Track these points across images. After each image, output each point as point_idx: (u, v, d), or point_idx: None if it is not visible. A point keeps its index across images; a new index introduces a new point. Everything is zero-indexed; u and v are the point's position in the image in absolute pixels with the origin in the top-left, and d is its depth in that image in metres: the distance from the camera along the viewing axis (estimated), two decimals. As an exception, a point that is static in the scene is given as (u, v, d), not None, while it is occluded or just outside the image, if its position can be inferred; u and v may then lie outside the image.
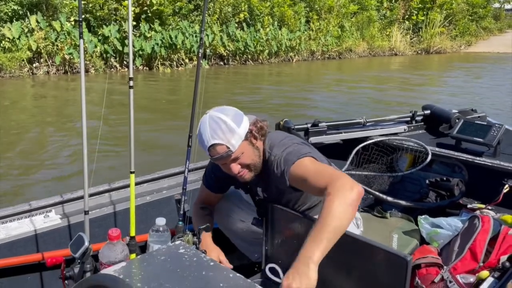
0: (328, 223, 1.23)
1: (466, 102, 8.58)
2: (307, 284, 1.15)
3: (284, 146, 1.54)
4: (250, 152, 1.51)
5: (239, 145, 1.45)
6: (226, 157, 1.45)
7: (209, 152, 1.46)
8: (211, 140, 1.43)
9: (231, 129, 1.44)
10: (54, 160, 4.74)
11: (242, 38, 13.08)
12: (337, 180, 1.32)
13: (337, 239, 1.24)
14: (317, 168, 1.44)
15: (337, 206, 1.25)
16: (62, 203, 1.97)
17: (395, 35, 19.19)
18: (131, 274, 1.16)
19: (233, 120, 1.46)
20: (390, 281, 1.19)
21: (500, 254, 1.70)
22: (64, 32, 9.69)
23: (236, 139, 1.45)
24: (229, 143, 1.43)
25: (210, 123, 1.44)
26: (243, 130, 1.47)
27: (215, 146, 1.43)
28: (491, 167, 2.35)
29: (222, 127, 1.43)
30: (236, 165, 1.49)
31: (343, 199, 1.26)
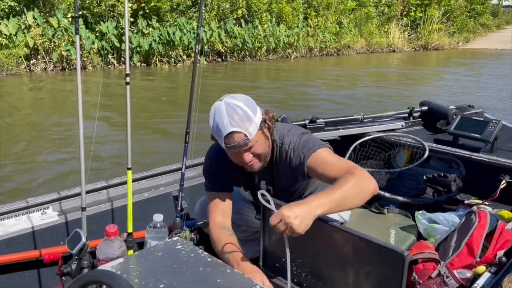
0: (340, 192, 1.30)
1: (463, 98, 8.59)
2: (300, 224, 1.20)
3: (297, 135, 1.56)
4: (263, 141, 1.51)
5: (255, 134, 1.44)
6: (243, 145, 1.42)
7: (225, 139, 1.41)
8: (229, 127, 1.39)
9: (248, 117, 1.41)
10: (51, 157, 4.73)
11: (240, 35, 13.05)
12: (360, 170, 1.41)
13: (336, 211, 1.32)
14: (337, 158, 1.51)
15: (353, 185, 1.33)
16: (60, 200, 1.97)
17: (393, 31, 19.16)
18: (129, 270, 1.16)
19: (249, 108, 1.43)
20: (387, 277, 1.20)
21: (496, 249, 1.71)
22: (61, 29, 9.64)
23: (253, 128, 1.42)
24: (247, 131, 1.41)
25: (228, 110, 1.40)
26: (258, 119, 1.46)
27: (233, 134, 1.40)
28: (488, 163, 2.36)
29: (240, 115, 1.40)
30: (248, 154, 1.46)
31: (361, 183, 1.36)
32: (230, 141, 1.41)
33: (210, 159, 1.69)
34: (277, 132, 1.59)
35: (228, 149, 1.46)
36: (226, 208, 1.64)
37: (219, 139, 1.44)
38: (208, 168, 1.69)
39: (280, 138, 1.58)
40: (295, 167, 1.54)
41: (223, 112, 1.40)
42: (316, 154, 1.50)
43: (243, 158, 1.47)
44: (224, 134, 1.40)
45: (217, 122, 1.41)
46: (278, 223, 1.21)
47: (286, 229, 1.21)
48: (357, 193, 1.35)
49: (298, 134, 1.58)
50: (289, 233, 1.22)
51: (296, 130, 1.61)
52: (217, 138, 1.46)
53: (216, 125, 1.42)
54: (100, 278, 0.88)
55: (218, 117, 1.41)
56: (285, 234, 1.23)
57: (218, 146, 1.65)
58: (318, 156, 1.50)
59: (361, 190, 1.36)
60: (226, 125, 1.39)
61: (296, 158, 1.53)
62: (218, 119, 1.41)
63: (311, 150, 1.50)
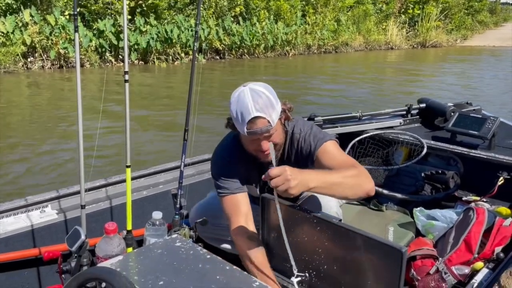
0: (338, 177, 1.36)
1: (461, 95, 8.61)
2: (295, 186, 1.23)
3: (307, 125, 1.62)
4: (280, 131, 1.53)
5: (276, 121, 1.45)
6: (265, 131, 1.42)
7: (248, 124, 1.40)
8: (254, 112, 1.38)
9: (272, 104, 1.42)
10: (50, 155, 4.72)
11: (238, 32, 13.03)
12: (363, 168, 1.46)
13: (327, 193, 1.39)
14: (343, 153, 1.57)
15: (352, 177, 1.38)
16: (59, 198, 1.97)
17: (391, 29, 19.17)
18: (128, 267, 1.16)
19: (272, 96, 1.45)
20: (386, 273, 1.20)
21: (494, 245, 1.72)
22: (58, 26, 9.61)
23: (275, 115, 1.43)
24: (271, 118, 1.41)
25: (253, 95, 1.40)
26: (279, 108, 1.48)
27: (257, 119, 1.39)
28: (486, 160, 2.37)
29: (265, 101, 1.40)
30: (267, 142, 1.45)
31: (361, 179, 1.41)
32: (252, 126, 1.40)
33: (221, 161, 1.63)
34: (287, 122, 1.61)
35: (249, 135, 1.43)
36: (248, 210, 1.58)
37: (240, 124, 1.42)
38: (220, 172, 1.62)
39: (290, 128, 1.61)
40: (305, 155, 1.57)
41: (248, 97, 1.39)
42: (326, 145, 1.54)
43: (261, 145, 1.46)
44: (248, 119, 1.39)
45: (241, 106, 1.40)
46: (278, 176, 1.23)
47: (282, 185, 1.22)
48: (353, 186, 1.39)
49: (308, 124, 1.63)
50: (282, 189, 1.23)
51: (304, 121, 1.66)
52: (237, 123, 1.43)
53: (239, 109, 1.40)
54: (99, 275, 0.88)
55: (242, 101, 1.40)
56: (278, 190, 1.24)
57: (224, 146, 1.65)
58: (327, 147, 1.54)
59: (357, 184, 1.40)
60: (251, 110, 1.38)
61: (307, 147, 1.56)
62: (242, 103, 1.40)
63: (322, 140, 1.55)
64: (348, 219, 2.04)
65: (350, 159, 1.54)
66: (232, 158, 1.61)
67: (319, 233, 1.37)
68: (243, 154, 1.59)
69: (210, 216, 1.73)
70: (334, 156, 1.52)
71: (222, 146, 1.67)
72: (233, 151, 1.61)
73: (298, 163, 1.58)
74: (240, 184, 1.60)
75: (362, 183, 1.41)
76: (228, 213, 1.58)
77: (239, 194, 1.58)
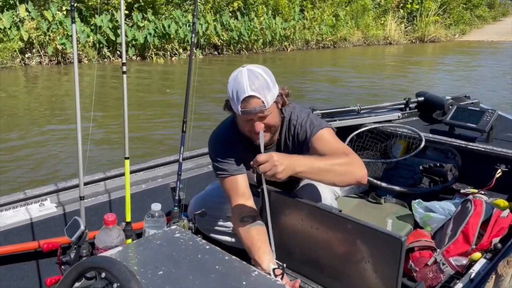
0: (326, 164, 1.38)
1: (459, 89, 8.61)
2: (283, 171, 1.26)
3: (304, 112, 1.63)
4: (276, 114, 1.54)
5: (271, 104, 1.47)
6: (259, 111, 1.44)
7: (242, 103, 1.43)
8: (249, 91, 1.40)
9: (268, 86, 1.45)
10: (49, 149, 4.71)
11: (236, 28, 12.98)
12: (355, 156, 1.49)
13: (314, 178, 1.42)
14: (338, 141, 1.58)
15: (341, 164, 1.40)
16: (58, 192, 1.97)
17: (389, 24, 19.13)
18: (127, 258, 1.17)
19: (270, 78, 1.47)
20: (385, 262, 1.21)
21: (492, 236, 1.73)
22: (56, 22, 9.56)
23: (270, 97, 1.46)
24: (265, 99, 1.43)
25: (249, 75, 1.43)
26: (276, 91, 1.50)
27: (251, 98, 1.42)
28: (484, 152, 2.38)
29: (261, 81, 1.43)
30: (261, 123, 1.47)
31: (351, 167, 1.42)
32: (246, 106, 1.43)
33: (219, 142, 1.66)
34: (284, 108, 1.63)
35: (243, 114, 1.45)
36: (246, 190, 1.60)
37: (235, 103, 1.44)
38: (217, 153, 1.64)
39: (287, 114, 1.63)
40: (301, 141, 1.59)
41: (245, 77, 1.42)
42: (322, 132, 1.56)
43: (255, 126, 1.47)
44: (243, 97, 1.41)
45: (237, 85, 1.43)
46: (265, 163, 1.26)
47: (270, 171, 1.26)
48: (342, 173, 1.40)
49: (305, 111, 1.64)
50: (269, 175, 1.27)
51: (302, 108, 1.67)
52: (233, 102, 1.46)
53: (235, 88, 1.43)
54: (99, 264, 0.89)
55: (238, 80, 1.43)
56: (266, 175, 1.28)
57: (220, 131, 1.68)
58: (322, 135, 1.55)
59: (346, 172, 1.41)
60: (246, 88, 1.41)
61: (303, 133, 1.58)
62: (238, 82, 1.43)
63: (319, 127, 1.56)
64: (346, 211, 2.03)
65: (344, 147, 1.56)
66: (228, 140, 1.63)
67: (319, 223, 1.37)
68: (240, 137, 1.61)
69: (209, 208, 1.74)
70: (328, 143, 1.54)
71: (219, 128, 1.70)
72: (230, 134, 1.63)
73: (295, 150, 1.61)
74: (238, 166, 1.62)
75: (352, 171, 1.42)
76: (228, 194, 1.60)
77: (238, 176, 1.60)
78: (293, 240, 1.32)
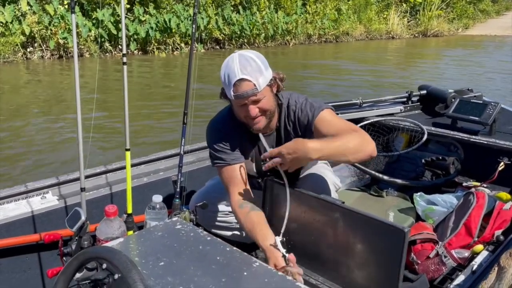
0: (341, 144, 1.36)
1: (462, 82, 8.57)
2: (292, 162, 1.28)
3: (302, 97, 1.63)
4: (270, 98, 1.54)
5: (264, 88, 1.47)
6: (251, 95, 1.44)
7: (234, 87, 1.43)
8: (240, 74, 1.41)
9: (260, 69, 1.45)
10: (50, 143, 4.71)
11: (238, 22, 12.92)
12: (362, 131, 1.48)
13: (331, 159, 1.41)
14: (341, 119, 1.58)
15: (354, 140, 1.39)
16: (59, 185, 1.97)
17: (392, 18, 19.01)
18: (129, 249, 1.16)
19: (262, 62, 1.47)
20: (387, 254, 1.21)
21: (494, 228, 1.72)
22: (57, 16, 9.53)
23: (262, 80, 1.46)
24: (257, 82, 1.43)
25: (240, 60, 1.44)
26: (269, 74, 1.50)
27: (242, 82, 1.42)
28: (487, 145, 2.37)
29: (252, 65, 1.44)
30: (255, 108, 1.48)
31: (363, 142, 1.41)
32: (238, 89, 1.43)
33: (216, 131, 1.66)
34: (281, 95, 1.63)
35: (236, 98, 1.46)
36: (243, 180, 1.59)
37: (228, 87, 1.45)
38: (214, 141, 1.64)
39: (285, 100, 1.63)
40: (303, 126, 1.58)
41: (236, 61, 1.43)
42: (323, 113, 1.55)
43: (249, 111, 1.47)
44: (234, 81, 1.42)
45: (229, 70, 1.44)
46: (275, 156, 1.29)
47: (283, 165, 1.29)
48: (356, 150, 1.39)
49: (303, 96, 1.64)
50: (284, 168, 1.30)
51: (299, 94, 1.67)
52: (226, 87, 1.47)
53: (227, 73, 1.44)
54: (100, 254, 0.88)
55: (230, 65, 1.44)
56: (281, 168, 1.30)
57: (218, 119, 1.67)
58: (324, 115, 1.55)
59: (361, 148, 1.41)
60: (237, 72, 1.41)
61: (304, 117, 1.57)
62: (230, 67, 1.43)
63: (319, 109, 1.56)
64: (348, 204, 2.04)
65: (349, 124, 1.55)
66: (226, 129, 1.63)
67: (321, 215, 1.37)
68: (237, 126, 1.61)
69: (210, 204, 1.72)
70: (332, 123, 1.53)
71: (216, 117, 1.70)
72: (227, 122, 1.63)
73: (297, 136, 1.60)
74: (235, 155, 1.62)
75: (364, 147, 1.42)
76: (225, 183, 1.61)
77: (236, 165, 1.60)
78: (295, 232, 1.31)
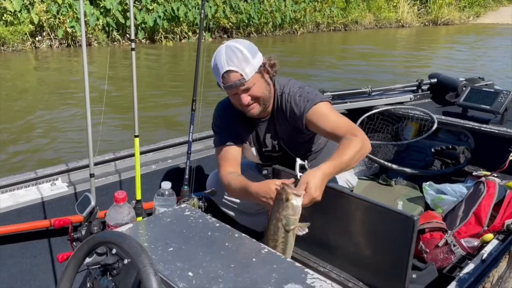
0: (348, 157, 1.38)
1: (473, 71, 8.46)
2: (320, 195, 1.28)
3: (297, 85, 1.62)
4: (262, 84, 1.55)
5: (252, 75, 1.49)
6: (239, 85, 1.48)
7: (222, 79, 1.49)
8: (226, 66, 1.46)
9: (246, 59, 1.48)
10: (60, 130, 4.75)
11: (245, 10, 12.84)
12: (361, 132, 1.48)
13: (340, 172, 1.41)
14: (337, 114, 1.56)
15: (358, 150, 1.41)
16: (68, 172, 1.99)
17: (402, 6, 18.75)
18: (138, 235, 1.17)
19: (249, 51, 1.50)
20: (396, 242, 1.20)
21: (505, 218, 1.70)
22: (65, 5, 9.54)
23: (250, 69, 1.48)
24: (243, 72, 1.47)
25: (227, 51, 1.48)
26: (257, 61, 1.52)
27: (229, 73, 1.47)
28: (498, 134, 2.33)
29: (238, 55, 1.47)
30: (246, 96, 1.52)
31: (364, 147, 1.44)
32: (227, 80, 1.48)
33: (217, 114, 1.74)
34: (278, 82, 1.64)
35: (226, 89, 1.52)
36: (235, 159, 1.66)
37: (218, 79, 1.51)
38: (215, 123, 1.74)
39: (280, 88, 1.63)
40: (294, 117, 1.58)
41: (223, 53, 1.48)
42: (316, 107, 1.54)
43: (241, 99, 1.52)
44: (221, 73, 1.47)
45: (216, 62, 1.49)
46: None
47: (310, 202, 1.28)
48: (360, 157, 1.44)
49: (299, 85, 1.63)
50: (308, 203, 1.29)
51: (296, 81, 1.66)
52: (217, 78, 1.52)
53: (215, 65, 1.50)
54: (109, 239, 0.89)
55: (217, 57, 1.49)
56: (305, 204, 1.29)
57: (224, 102, 1.73)
58: (318, 109, 1.54)
59: (362, 152, 1.45)
60: (224, 64, 1.46)
61: (296, 108, 1.57)
62: (218, 59, 1.49)
63: (312, 102, 1.55)
64: (356, 193, 2.04)
65: (346, 122, 1.54)
66: (226, 113, 1.69)
67: (330, 203, 1.36)
68: (237, 112, 1.65)
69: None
70: (327, 118, 1.52)
71: (221, 102, 1.77)
72: (228, 108, 1.68)
73: (290, 124, 1.62)
74: (231, 137, 1.67)
75: (364, 150, 1.45)
76: (218, 163, 1.67)
77: (231, 146, 1.66)
78: (304, 220, 1.31)
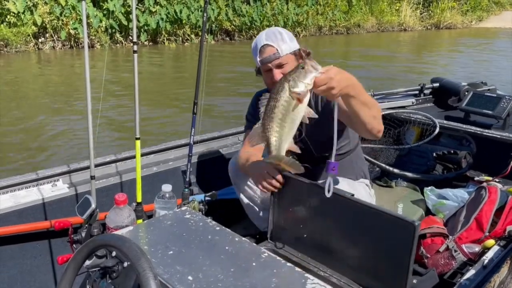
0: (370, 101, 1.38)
1: (476, 75, 8.44)
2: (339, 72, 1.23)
3: None
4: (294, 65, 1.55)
5: (287, 54, 1.61)
6: (273, 59, 1.60)
7: (259, 54, 1.62)
8: (264, 41, 1.61)
9: (283, 38, 1.62)
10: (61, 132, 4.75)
11: (248, 13, 12.86)
12: None
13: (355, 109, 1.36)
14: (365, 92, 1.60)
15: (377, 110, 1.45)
16: (69, 173, 1.99)
17: (404, 9, 18.75)
18: (138, 238, 1.17)
19: (287, 34, 1.65)
20: (397, 247, 1.19)
21: (506, 224, 1.70)
22: (68, 7, 9.58)
23: (285, 47, 1.61)
24: (279, 47, 1.60)
25: (267, 32, 1.64)
26: (294, 45, 1.65)
27: (266, 47, 1.60)
28: (500, 140, 2.33)
29: (276, 35, 1.62)
30: (279, 72, 1.61)
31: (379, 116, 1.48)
32: (263, 54, 1.61)
33: (252, 102, 1.89)
34: None
35: (261, 64, 1.63)
36: None
37: (255, 56, 1.64)
38: (249, 111, 1.90)
39: None
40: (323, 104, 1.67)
41: (263, 33, 1.65)
42: None
43: (274, 76, 1.61)
44: (259, 47, 1.61)
45: (256, 41, 1.65)
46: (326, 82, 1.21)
47: (325, 85, 1.21)
48: (375, 116, 1.44)
49: None
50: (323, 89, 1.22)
51: None
52: (254, 57, 1.65)
53: (255, 44, 1.65)
54: (109, 241, 0.89)
55: (258, 38, 1.65)
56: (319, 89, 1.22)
57: (259, 93, 1.83)
58: None
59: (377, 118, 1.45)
60: (262, 40, 1.62)
61: None
62: (258, 39, 1.64)
63: None
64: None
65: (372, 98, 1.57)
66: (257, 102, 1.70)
67: (331, 207, 1.36)
68: None
69: None
70: None
71: (257, 92, 1.90)
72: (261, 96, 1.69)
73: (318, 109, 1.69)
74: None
75: (379, 120, 1.48)
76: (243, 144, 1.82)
77: None
78: (304, 223, 1.31)
